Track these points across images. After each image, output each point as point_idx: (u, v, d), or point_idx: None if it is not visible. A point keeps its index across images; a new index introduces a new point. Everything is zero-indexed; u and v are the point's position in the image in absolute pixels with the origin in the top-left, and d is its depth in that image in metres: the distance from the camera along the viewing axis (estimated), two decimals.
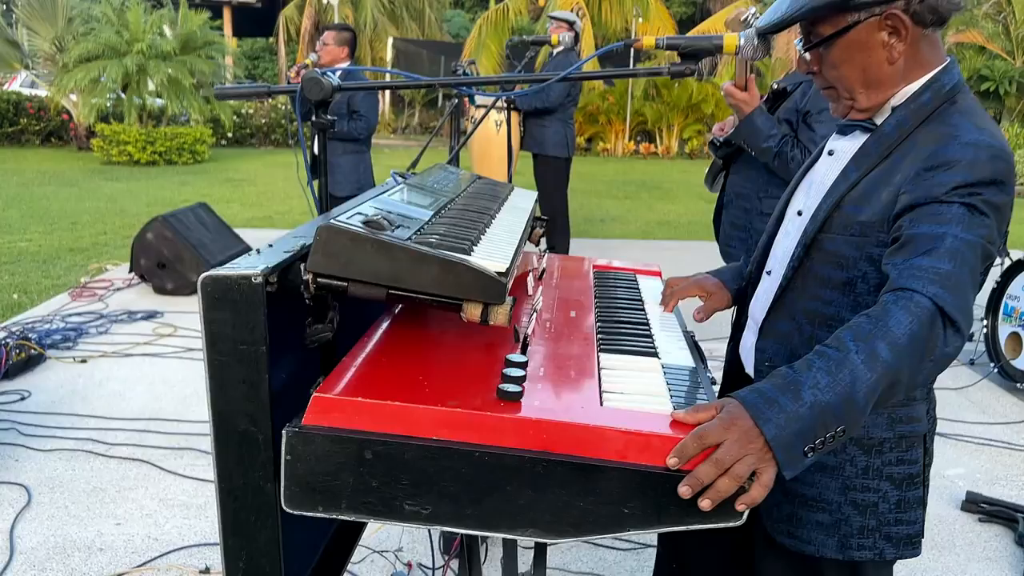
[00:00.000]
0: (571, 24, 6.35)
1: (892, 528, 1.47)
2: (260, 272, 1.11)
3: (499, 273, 1.21)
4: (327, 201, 1.88)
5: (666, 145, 18.54)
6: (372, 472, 1.11)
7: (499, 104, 5.63)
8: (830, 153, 1.57)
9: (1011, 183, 1.31)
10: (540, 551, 1.50)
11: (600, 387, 1.27)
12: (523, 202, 1.92)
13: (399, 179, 1.85)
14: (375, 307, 1.48)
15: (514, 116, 6.52)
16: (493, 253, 1.32)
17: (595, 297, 1.77)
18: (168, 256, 5.58)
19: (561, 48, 5.74)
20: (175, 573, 2.63)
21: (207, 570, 2.63)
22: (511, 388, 1.16)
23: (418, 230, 1.33)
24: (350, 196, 5.14)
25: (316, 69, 1.66)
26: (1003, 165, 1.29)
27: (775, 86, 3.18)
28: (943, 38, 1.56)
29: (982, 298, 4.97)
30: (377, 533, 2.84)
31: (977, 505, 3.15)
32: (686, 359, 1.47)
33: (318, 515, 1.13)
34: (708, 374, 1.44)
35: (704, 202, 11.63)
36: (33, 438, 3.52)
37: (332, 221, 1.20)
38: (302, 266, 1.21)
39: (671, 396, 1.27)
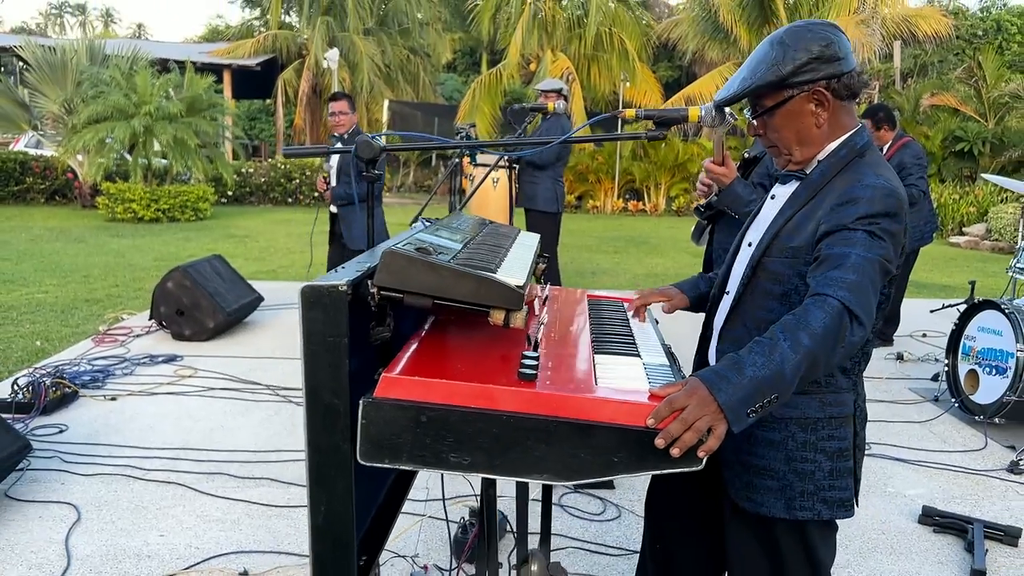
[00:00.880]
0: (559, 91, 6.90)
1: (827, 493, 1.84)
2: (344, 283, 1.50)
3: (518, 286, 1.61)
4: (372, 239, 2.27)
5: (654, 203, 19.12)
6: (426, 432, 1.49)
7: (501, 163, 6.09)
8: (772, 197, 1.99)
9: (903, 215, 1.72)
10: (547, 496, 1.87)
11: (595, 374, 1.65)
12: (529, 240, 2.32)
13: (427, 223, 2.26)
14: (414, 316, 1.87)
15: (511, 175, 6.99)
16: (512, 272, 1.71)
17: (589, 316, 2.16)
18: (187, 304, 5.95)
19: (551, 115, 6.29)
20: (217, 575, 2.96)
21: (245, 572, 2.96)
22: (528, 371, 1.55)
23: (454, 256, 1.73)
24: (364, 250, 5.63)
25: (369, 134, 2.06)
26: (895, 201, 1.70)
27: (746, 155, 3.63)
28: (919, 99, 1.98)
29: (943, 340, 5.38)
30: (396, 541, 3.18)
31: (932, 518, 3.50)
32: (662, 360, 1.86)
33: (384, 466, 1.50)
34: (680, 372, 1.82)
35: (690, 256, 12.11)
36: (75, 465, 3.85)
37: (393, 247, 1.59)
38: (369, 282, 1.60)
39: (648, 382, 1.65)
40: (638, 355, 1.86)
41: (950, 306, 6.98)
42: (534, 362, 1.61)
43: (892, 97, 20.90)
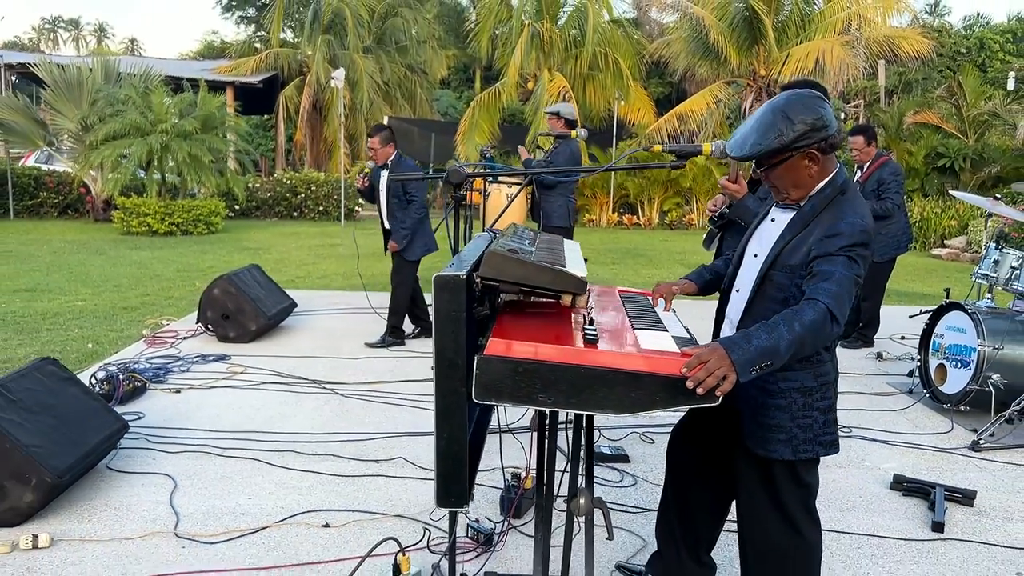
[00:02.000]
0: (557, 114, 7.54)
1: (822, 437, 2.45)
2: (463, 273, 2.09)
3: (583, 277, 2.21)
4: (456, 244, 2.86)
5: (648, 217, 19.78)
6: (521, 379, 2.08)
7: (519, 181, 6.76)
8: (772, 220, 2.59)
9: (871, 243, 2.34)
10: (589, 446, 2.45)
11: (638, 341, 2.26)
12: (574, 245, 2.93)
13: (492, 234, 2.86)
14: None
15: (524, 190, 7.64)
16: (576, 267, 2.32)
17: (623, 304, 2.77)
18: (231, 308, 6.53)
19: (565, 136, 6.94)
20: (304, 527, 3.53)
21: (327, 524, 3.54)
22: (592, 337, 2.15)
23: (531, 255, 2.33)
24: (418, 260, 6.32)
25: (458, 162, 2.66)
26: (866, 235, 2.32)
27: (754, 175, 4.26)
28: (903, 116, 2.59)
29: (915, 340, 6.00)
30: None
31: (901, 484, 4.11)
32: (684, 334, 2.47)
33: (491, 403, 2.10)
34: (696, 343, 2.42)
35: (684, 267, 12.73)
36: (159, 444, 4.42)
37: (493, 248, 2.19)
38: (475, 273, 2.19)
39: (678, 348, 2.25)
40: (666, 330, 2.46)
41: (926, 312, 7.59)
42: (594, 331, 2.21)
43: (877, 115, 21.67)
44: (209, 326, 6.67)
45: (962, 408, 5.17)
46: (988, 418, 4.93)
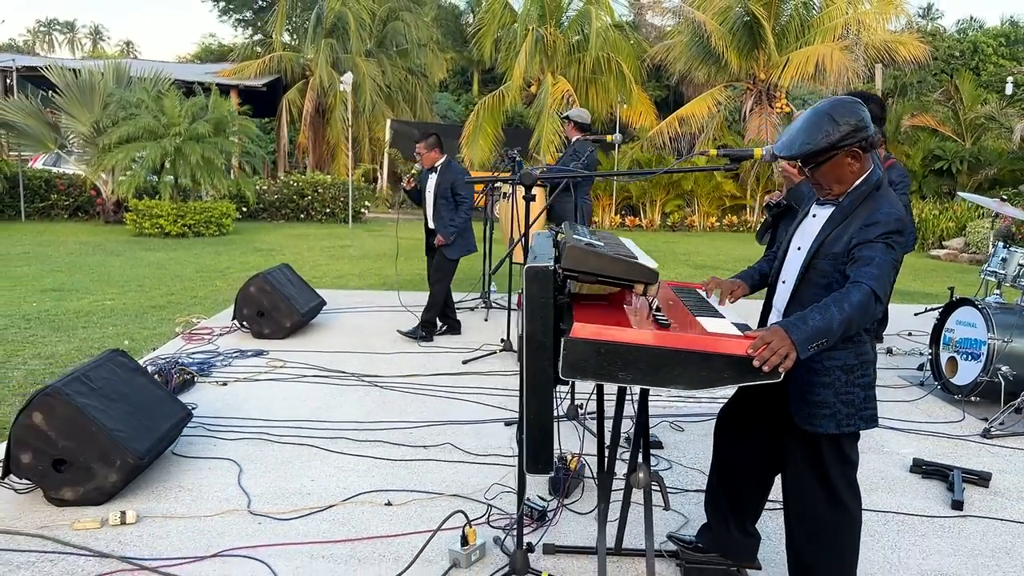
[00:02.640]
0: (568, 118, 7.83)
1: (863, 412, 2.71)
2: (550, 264, 2.35)
3: (655, 267, 2.47)
4: (527, 246, 3.11)
5: (650, 218, 20.06)
6: (603, 359, 2.33)
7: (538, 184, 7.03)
8: (813, 216, 2.85)
9: (905, 231, 2.60)
10: (646, 429, 2.71)
11: (703, 325, 2.51)
12: (630, 242, 3.18)
13: (554, 229, 3.12)
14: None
15: (541, 192, 7.89)
16: (646, 259, 2.57)
17: (677, 295, 3.03)
18: (267, 306, 6.78)
19: (578, 138, 7.23)
20: (368, 505, 3.78)
21: (389, 503, 3.79)
22: (664, 321, 2.41)
23: (603, 249, 2.59)
24: (458, 259, 6.61)
25: (532, 168, 2.92)
26: (901, 223, 2.58)
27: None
28: (900, 120, 2.87)
29: (925, 337, 6.28)
30: (504, 479, 4.01)
31: (920, 467, 4.38)
32: (739, 320, 2.72)
33: (575, 379, 2.35)
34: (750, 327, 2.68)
35: (690, 268, 13.01)
36: (217, 432, 4.67)
37: (572, 243, 2.45)
38: (557, 266, 2.45)
39: (738, 331, 2.51)
40: (723, 316, 2.72)
41: (931, 310, 7.89)
42: (665, 318, 2.47)
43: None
44: (244, 323, 6.91)
45: (973, 399, 5.44)
46: (998, 408, 5.20)
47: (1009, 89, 21.73)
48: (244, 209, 18.55)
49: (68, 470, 3.63)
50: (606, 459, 2.99)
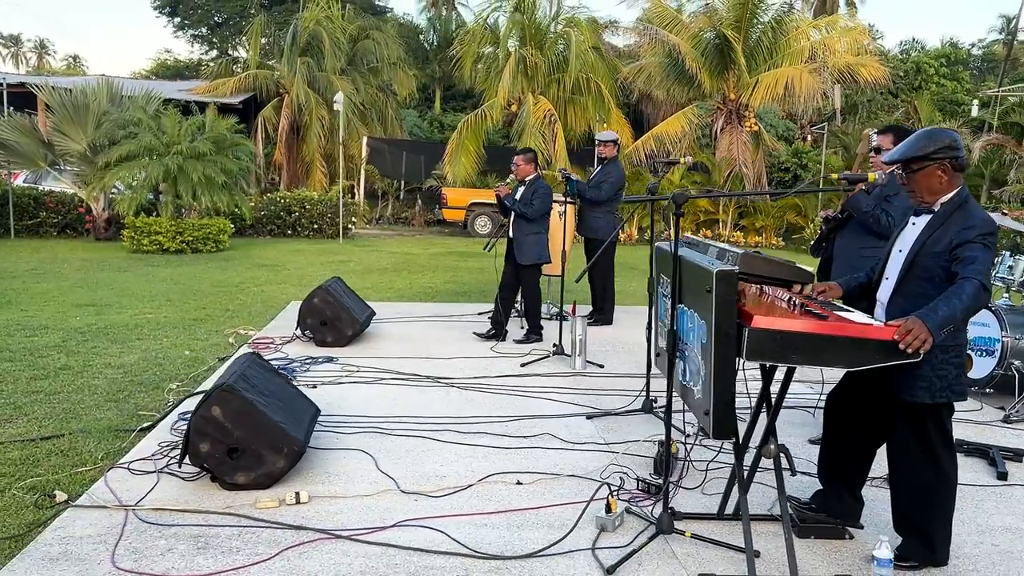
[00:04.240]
0: (615, 141, 8.44)
1: (954, 386, 3.32)
2: (736, 269, 2.92)
3: (811, 271, 3.06)
4: (677, 262, 3.67)
5: (628, 232, 20.79)
6: (778, 345, 2.91)
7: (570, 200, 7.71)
8: (913, 223, 3.48)
9: (996, 234, 3.23)
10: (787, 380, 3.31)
11: (848, 317, 3.11)
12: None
13: (687, 239, 3.70)
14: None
15: (570, 208, 8.49)
16: (801, 264, 3.16)
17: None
18: (330, 316, 7.24)
19: (606, 158, 7.85)
20: (501, 484, 4.30)
21: (519, 482, 4.31)
22: (821, 314, 3.00)
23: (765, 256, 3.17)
24: (532, 265, 7.16)
25: (683, 189, 3.49)
26: (993, 226, 3.22)
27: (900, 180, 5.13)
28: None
29: None
30: (596, 470, 4.56)
31: (961, 446, 5.02)
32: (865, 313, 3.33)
33: (756, 361, 2.92)
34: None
35: None
36: (333, 428, 5.13)
37: (750, 252, 3.03)
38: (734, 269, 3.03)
39: (878, 322, 3.11)
40: (851, 311, 3.32)
41: None
42: (820, 311, 3.06)
43: (837, 136, 23.11)
44: (307, 332, 7.35)
45: (987, 391, 6.14)
46: (1011, 399, 5.92)
47: (975, 111, 23.01)
48: (233, 226, 18.82)
49: (241, 457, 4.08)
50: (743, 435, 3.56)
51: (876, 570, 3.21)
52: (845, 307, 3.40)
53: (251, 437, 4.07)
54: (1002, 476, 4.60)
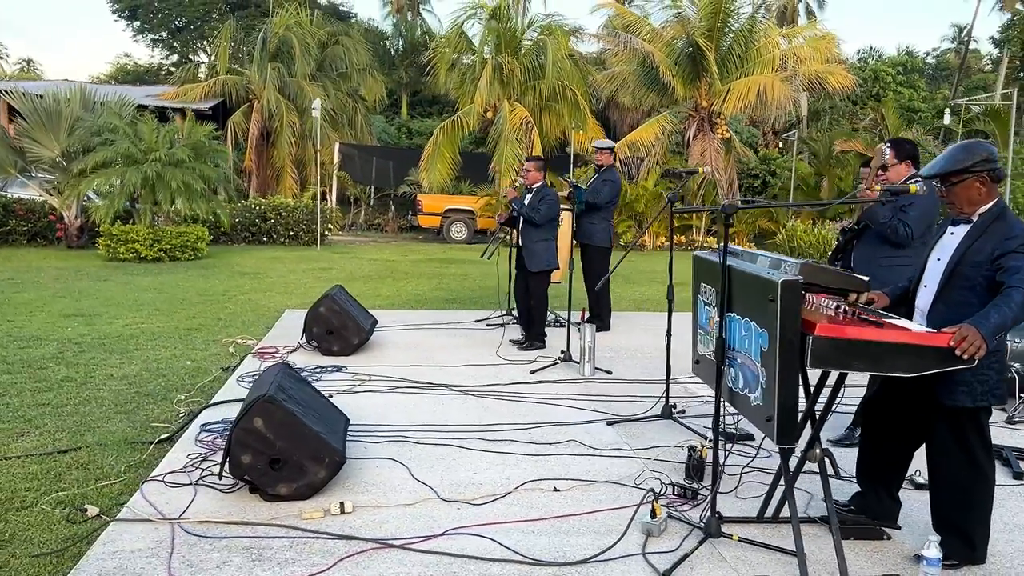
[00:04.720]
0: (611, 149, 8.55)
1: (995, 390, 3.44)
2: (801, 279, 3.01)
3: (867, 280, 3.16)
4: (726, 271, 3.75)
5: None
6: (841, 352, 3.00)
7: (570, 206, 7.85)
8: (951, 233, 3.60)
9: None
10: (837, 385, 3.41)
11: (901, 325, 3.21)
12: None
13: (740, 249, 3.79)
14: None
15: (567, 215, 8.58)
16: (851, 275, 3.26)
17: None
18: (336, 324, 7.23)
19: (603, 165, 7.95)
20: (538, 491, 4.34)
21: (556, 489, 4.36)
22: (877, 323, 3.10)
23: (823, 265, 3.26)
24: (541, 272, 7.21)
25: (729, 200, 3.57)
26: None
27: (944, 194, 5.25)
28: (832, 145, 3.61)
29: None
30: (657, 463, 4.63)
31: None
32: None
33: (819, 368, 3.01)
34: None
35: (659, 284, 13.75)
36: (361, 437, 5.13)
37: (810, 262, 3.12)
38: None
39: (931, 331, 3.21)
40: (899, 318, 3.43)
41: None
42: (874, 318, 3.16)
43: (807, 143, 23.52)
44: (313, 341, 7.33)
45: None
46: (1012, 401, 6.09)
47: (947, 119, 23.57)
48: (209, 233, 18.63)
49: (283, 468, 4.08)
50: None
51: (925, 569, 3.31)
52: (891, 315, 3.51)
53: (293, 448, 4.08)
54: (1018, 476, 4.76)
